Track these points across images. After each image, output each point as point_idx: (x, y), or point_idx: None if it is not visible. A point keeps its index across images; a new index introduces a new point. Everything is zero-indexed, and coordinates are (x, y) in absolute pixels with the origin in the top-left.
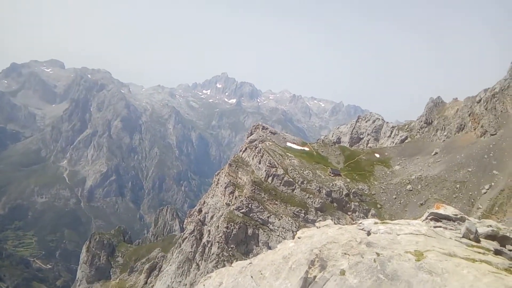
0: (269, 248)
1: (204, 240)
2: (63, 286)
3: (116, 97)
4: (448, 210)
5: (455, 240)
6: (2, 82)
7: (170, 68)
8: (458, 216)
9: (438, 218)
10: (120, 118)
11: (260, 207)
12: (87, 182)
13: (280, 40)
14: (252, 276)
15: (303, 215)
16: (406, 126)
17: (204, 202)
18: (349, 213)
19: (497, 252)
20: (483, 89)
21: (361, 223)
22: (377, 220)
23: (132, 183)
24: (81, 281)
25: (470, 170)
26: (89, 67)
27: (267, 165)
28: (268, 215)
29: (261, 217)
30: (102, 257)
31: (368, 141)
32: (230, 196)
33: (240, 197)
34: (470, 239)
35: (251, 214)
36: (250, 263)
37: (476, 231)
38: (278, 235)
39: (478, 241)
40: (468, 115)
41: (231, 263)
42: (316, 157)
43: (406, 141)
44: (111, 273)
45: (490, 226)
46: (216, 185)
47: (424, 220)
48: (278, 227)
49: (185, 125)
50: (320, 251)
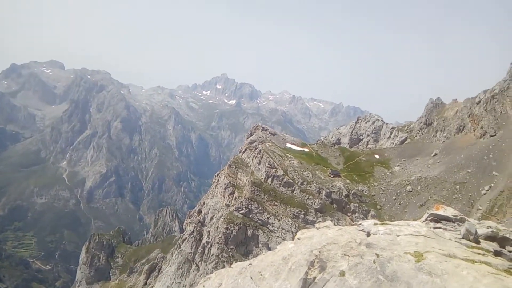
0: (269, 249)
1: (204, 241)
2: (63, 287)
3: (116, 98)
4: (448, 211)
5: (455, 241)
6: (1, 83)
7: (170, 68)
8: (458, 217)
9: (437, 219)
10: (120, 119)
11: (260, 208)
12: (87, 183)
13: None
14: (251, 277)
15: (302, 216)
16: (406, 127)
17: (203, 203)
18: (348, 214)
19: (496, 253)
20: (482, 90)
21: (360, 224)
22: (376, 221)
23: (132, 184)
24: (81, 282)
25: (469, 171)
26: (88, 67)
27: (267, 166)
28: (268, 216)
29: (260, 218)
30: (102, 258)
31: (367, 142)
32: (230, 197)
33: (240, 198)
34: (469, 240)
35: (250, 215)
36: (249, 264)
37: (476, 232)
38: (277, 236)
39: (478, 242)
40: (468, 116)
41: (231, 264)
42: (316, 158)
43: (406, 142)
44: (111, 274)
45: (490, 227)
46: (216, 186)
47: (423, 221)
48: (277, 228)
49: (185, 126)
50: (319, 252)
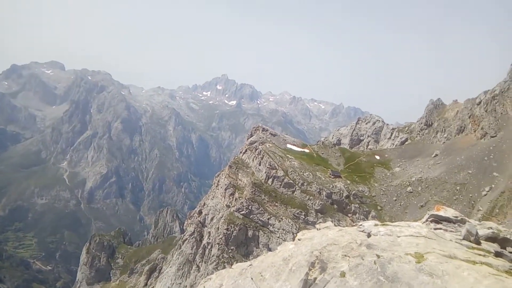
0: (269, 250)
1: (204, 241)
2: (63, 287)
3: (116, 99)
4: (449, 212)
5: (456, 242)
6: (2, 84)
7: (170, 68)
8: (459, 218)
9: (438, 220)
10: (120, 120)
11: (260, 209)
12: (87, 183)
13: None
14: (252, 278)
15: (303, 217)
16: (406, 128)
17: (204, 204)
18: (349, 215)
19: (497, 254)
20: (483, 91)
21: (361, 225)
22: (377, 222)
23: (132, 185)
24: (81, 283)
25: (470, 172)
26: (89, 67)
27: (267, 167)
28: (268, 216)
29: (261, 218)
30: (102, 259)
31: (368, 143)
32: (230, 197)
33: (240, 198)
34: (470, 241)
35: (251, 216)
36: (250, 265)
37: (477, 233)
38: (278, 237)
39: (479, 243)
40: (468, 117)
41: (231, 265)
42: (316, 159)
43: (406, 143)
44: (111, 275)
45: (491, 228)
46: (216, 186)
47: (424, 222)
48: (278, 229)
49: (185, 126)
50: (320, 253)
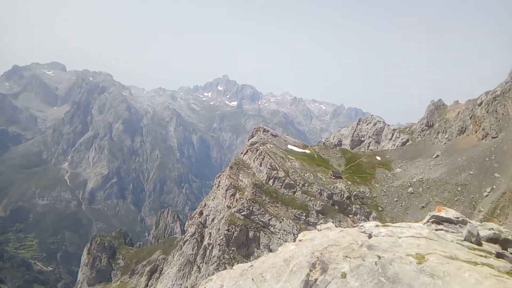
0: (270, 250)
1: (205, 242)
2: None
3: (117, 100)
4: (450, 213)
5: (457, 243)
6: (3, 85)
7: (170, 68)
8: (460, 219)
9: (439, 221)
10: (121, 121)
11: (261, 210)
12: (88, 184)
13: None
14: (253, 279)
15: (304, 217)
16: (407, 129)
17: (205, 205)
18: (350, 215)
19: (499, 255)
20: (484, 91)
21: (362, 226)
22: (378, 223)
23: (133, 186)
24: (82, 283)
25: (471, 173)
26: (89, 68)
27: (268, 168)
28: (269, 217)
29: (262, 219)
30: (103, 260)
31: (369, 143)
32: (231, 198)
33: (241, 199)
34: (471, 242)
35: (252, 217)
36: (251, 266)
37: (478, 234)
38: (279, 238)
39: (480, 244)
40: (470, 118)
41: (232, 265)
42: (317, 160)
43: (407, 143)
44: (112, 276)
45: (492, 229)
46: (217, 187)
47: (425, 223)
48: (279, 230)
49: (186, 127)
50: (321, 254)
